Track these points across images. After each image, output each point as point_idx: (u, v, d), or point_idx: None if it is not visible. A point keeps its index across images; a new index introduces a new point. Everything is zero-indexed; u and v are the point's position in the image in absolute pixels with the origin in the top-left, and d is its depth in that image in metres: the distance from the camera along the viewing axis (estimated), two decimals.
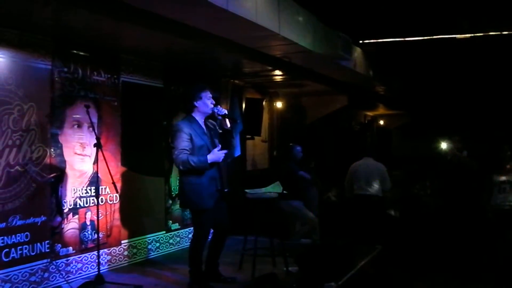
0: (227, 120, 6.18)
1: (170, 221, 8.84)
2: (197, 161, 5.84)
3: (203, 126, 6.19)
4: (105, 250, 7.44)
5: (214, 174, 6.08)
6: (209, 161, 5.88)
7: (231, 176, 8.65)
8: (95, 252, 6.66)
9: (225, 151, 5.99)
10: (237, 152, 10.16)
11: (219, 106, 6.20)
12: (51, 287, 6.59)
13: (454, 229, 8.97)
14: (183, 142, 5.90)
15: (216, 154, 5.93)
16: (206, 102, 6.13)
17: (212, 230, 6.36)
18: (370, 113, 19.01)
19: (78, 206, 7.03)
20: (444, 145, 9.94)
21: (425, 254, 8.74)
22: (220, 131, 6.31)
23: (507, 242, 7.87)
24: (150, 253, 8.34)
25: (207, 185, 5.98)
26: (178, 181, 7.24)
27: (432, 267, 8.30)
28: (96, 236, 6.87)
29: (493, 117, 16.00)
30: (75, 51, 7.04)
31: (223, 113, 6.16)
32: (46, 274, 6.52)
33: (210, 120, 6.33)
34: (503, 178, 8.05)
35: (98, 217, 6.65)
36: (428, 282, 7.76)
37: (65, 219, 6.84)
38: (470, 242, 8.62)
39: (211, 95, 6.19)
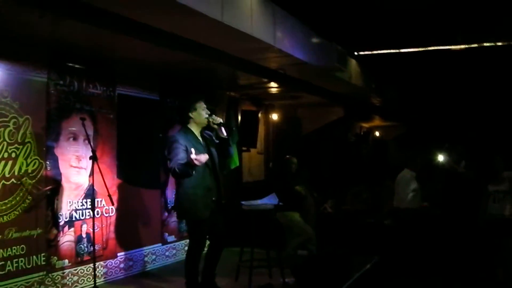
0: (223, 129, 6.18)
1: (166, 233, 8.83)
2: (179, 166, 5.71)
3: (199, 137, 6.19)
4: (101, 262, 7.43)
5: (210, 185, 6.07)
6: (187, 160, 5.61)
7: (227, 188, 8.65)
8: (91, 265, 6.67)
9: (205, 155, 5.81)
10: (235, 163, 10.17)
11: (213, 115, 6.20)
12: None
13: (451, 239, 8.98)
14: (179, 154, 5.87)
15: (203, 156, 5.66)
16: (201, 113, 6.13)
17: (208, 242, 6.35)
18: (366, 125, 19.02)
19: (74, 218, 7.03)
20: (441, 157, 9.96)
21: (422, 264, 8.73)
22: (217, 141, 6.31)
23: (503, 251, 7.88)
24: (147, 266, 8.33)
25: (203, 196, 5.97)
26: (174, 193, 7.24)
27: (428, 277, 8.29)
28: (92, 248, 6.86)
29: (487, 128, 16.02)
30: (70, 64, 7.06)
31: (219, 122, 6.16)
32: (42, 287, 6.50)
33: (207, 131, 6.33)
34: (497, 188, 8.08)
35: (94, 229, 6.64)
36: None
37: (61, 232, 6.84)
38: (467, 251, 8.63)
39: (205, 106, 6.20)
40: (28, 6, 4.97)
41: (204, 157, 5.64)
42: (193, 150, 5.61)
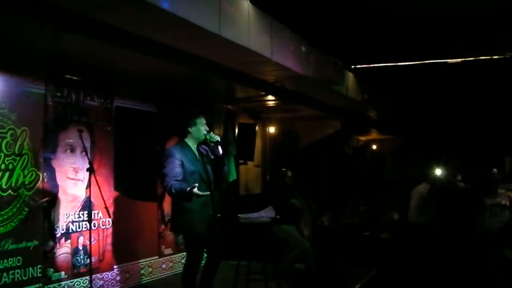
0: (219, 147, 6.17)
1: (163, 246, 8.81)
2: (178, 190, 5.73)
3: (196, 152, 6.15)
4: (98, 275, 7.40)
5: (207, 200, 6.04)
6: (187, 193, 5.66)
7: (224, 201, 8.65)
8: (88, 277, 6.64)
9: (207, 193, 5.82)
10: (233, 176, 10.17)
11: (211, 133, 6.19)
12: None
13: (449, 252, 8.97)
14: (174, 168, 5.85)
15: (197, 194, 5.67)
16: (200, 128, 6.10)
17: (205, 255, 6.33)
18: (363, 138, 19.06)
19: (70, 230, 7.01)
20: (438, 171, 9.96)
21: (419, 278, 8.72)
22: (212, 157, 6.30)
23: (497, 259, 7.89)
24: (143, 278, 8.30)
25: (199, 210, 5.91)
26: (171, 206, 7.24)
27: None
28: (88, 260, 6.83)
29: (484, 141, 16.06)
30: (68, 76, 7.07)
31: (216, 140, 6.14)
32: None
33: (203, 146, 6.32)
34: (494, 201, 8.08)
35: (90, 241, 6.61)
36: None
37: (58, 244, 6.82)
38: (464, 264, 8.62)
39: (205, 122, 6.19)
40: (28, 18, 4.99)
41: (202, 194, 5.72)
42: (196, 185, 5.62)
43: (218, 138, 6.18)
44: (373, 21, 9.03)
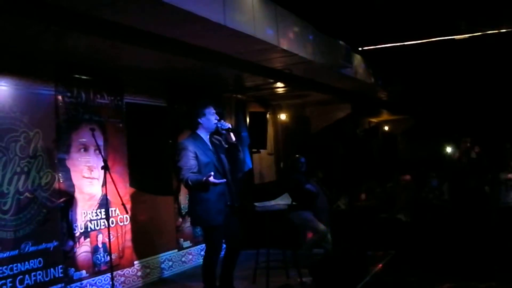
0: (231, 134, 6.16)
1: (182, 239, 8.85)
2: (194, 181, 5.75)
3: (208, 143, 6.16)
4: (119, 271, 7.45)
5: (223, 190, 6.03)
6: (204, 183, 5.68)
7: (239, 190, 8.67)
8: (109, 274, 6.67)
9: (223, 180, 5.88)
10: (248, 165, 10.18)
11: (222, 121, 6.19)
12: None
13: (466, 231, 8.95)
14: (189, 161, 5.86)
15: (213, 182, 5.68)
16: (210, 118, 6.10)
17: (224, 246, 6.34)
18: (374, 120, 19.01)
19: (89, 229, 7.06)
20: (451, 148, 9.93)
21: (438, 258, 8.71)
22: (226, 146, 6.30)
23: None
24: (164, 272, 8.34)
25: (215, 201, 5.92)
26: (187, 199, 7.27)
27: (446, 271, 8.26)
28: (108, 258, 6.88)
29: (496, 116, 15.97)
30: (77, 75, 7.10)
31: (227, 127, 6.14)
32: None
33: (216, 136, 6.31)
34: (510, 175, 8.04)
35: (109, 239, 6.62)
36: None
37: (77, 243, 6.87)
38: (483, 242, 8.60)
39: (215, 111, 6.18)
40: (34, 19, 5.00)
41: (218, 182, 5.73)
42: (212, 173, 5.62)
43: (230, 125, 6.18)
44: (378, 1, 8.98)
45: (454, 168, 9.67)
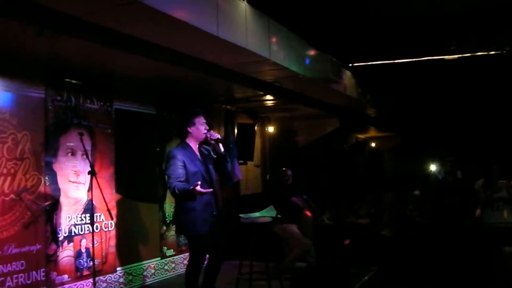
0: (220, 145, 6.17)
1: (165, 247, 8.84)
2: (182, 190, 5.71)
3: (197, 153, 6.13)
4: (101, 277, 7.43)
5: (210, 200, 6.02)
6: (190, 191, 5.63)
7: (225, 201, 8.68)
8: (91, 280, 6.68)
9: (210, 190, 5.89)
10: (238, 176, 10.19)
11: (212, 131, 6.20)
12: None
13: (448, 248, 9.00)
14: (177, 170, 5.83)
15: (200, 192, 5.63)
16: (199, 128, 6.08)
17: (208, 255, 6.34)
18: (361, 136, 19.09)
19: (73, 233, 7.05)
20: (436, 166, 10.00)
21: (420, 273, 8.75)
22: (215, 156, 6.30)
23: (502, 259, 7.91)
24: (146, 280, 8.33)
25: (201, 211, 5.90)
26: (172, 207, 7.27)
27: (426, 286, 8.31)
28: (91, 263, 6.86)
29: (482, 136, 16.10)
30: (68, 80, 7.11)
31: (216, 138, 6.16)
32: None
33: (204, 146, 6.32)
34: (497, 196, 8.11)
35: (93, 244, 6.62)
36: None
37: (60, 247, 6.85)
38: (465, 259, 8.65)
39: (205, 121, 6.19)
40: (27, 23, 5.01)
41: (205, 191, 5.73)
42: (199, 182, 5.63)
43: (218, 136, 6.18)
44: (370, 19, 9.07)
45: (439, 187, 9.72)
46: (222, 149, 6.18)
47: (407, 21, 9.12)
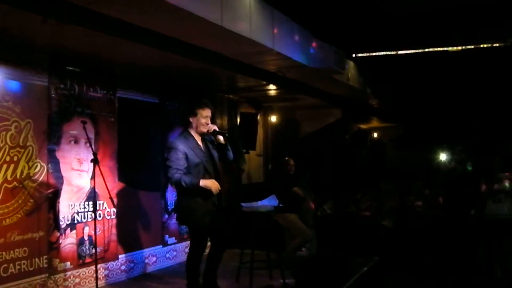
0: (219, 137, 6.17)
1: (167, 235, 8.87)
2: (189, 183, 5.75)
3: (200, 143, 6.12)
4: (103, 264, 7.48)
5: (211, 191, 6.02)
6: (201, 185, 5.77)
7: (227, 191, 8.71)
8: (93, 267, 6.70)
9: (217, 186, 5.89)
10: (245, 161, 10.31)
11: (209, 124, 6.17)
12: None
13: (452, 239, 9.01)
14: (178, 161, 5.82)
15: (211, 183, 5.83)
16: (200, 120, 6.05)
17: (209, 243, 6.36)
18: (364, 126, 19.06)
19: (75, 221, 7.08)
20: (444, 156, 9.98)
21: (421, 264, 8.77)
22: (216, 143, 6.27)
23: (503, 251, 7.93)
24: (148, 267, 8.37)
25: (203, 202, 5.92)
26: (174, 196, 7.29)
27: (428, 277, 8.33)
28: (93, 250, 6.89)
29: (485, 128, 16.09)
30: (71, 68, 7.11)
31: (213, 130, 6.11)
32: None
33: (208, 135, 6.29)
34: (497, 187, 8.13)
35: (95, 232, 6.66)
36: None
37: (63, 234, 6.88)
38: (466, 251, 8.67)
39: (209, 114, 6.12)
40: (32, 11, 5.01)
41: (214, 187, 5.79)
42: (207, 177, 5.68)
43: (215, 128, 6.15)
44: (374, 9, 9.05)
45: (450, 177, 9.71)
46: (222, 140, 6.17)
47: (411, 12, 9.10)
